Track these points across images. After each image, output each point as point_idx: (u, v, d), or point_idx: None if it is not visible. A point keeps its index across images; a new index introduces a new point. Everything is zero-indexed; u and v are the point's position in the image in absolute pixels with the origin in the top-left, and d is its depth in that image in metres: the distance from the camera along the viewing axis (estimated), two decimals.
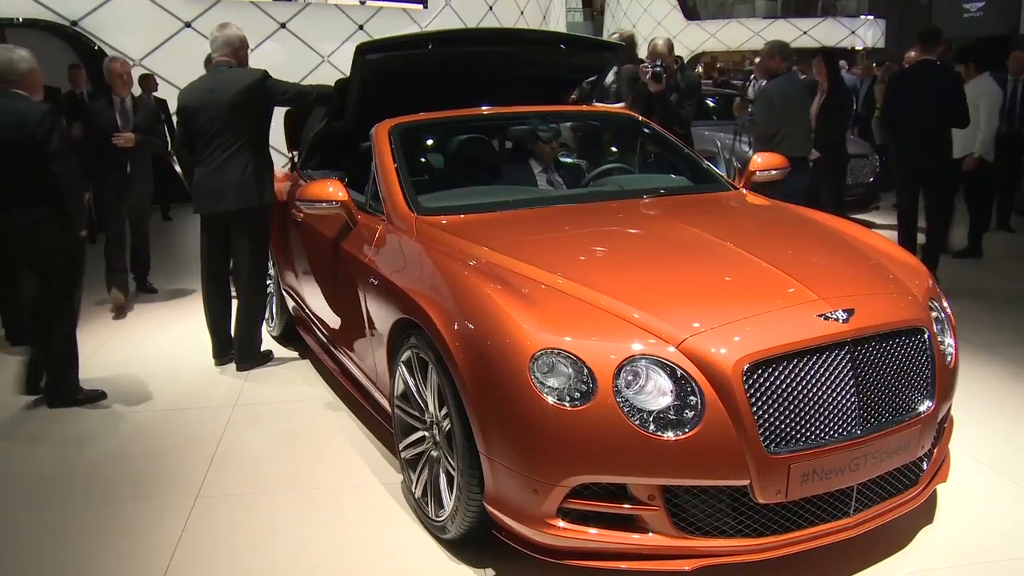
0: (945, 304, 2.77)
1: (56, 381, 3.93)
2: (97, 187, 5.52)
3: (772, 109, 5.31)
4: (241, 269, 4.31)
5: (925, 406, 2.41)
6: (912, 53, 6.84)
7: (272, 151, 4.44)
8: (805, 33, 22.58)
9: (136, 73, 5.80)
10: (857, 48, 22.31)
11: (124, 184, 5.58)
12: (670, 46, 5.75)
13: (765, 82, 5.62)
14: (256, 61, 4.54)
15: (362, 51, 3.77)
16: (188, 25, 9.38)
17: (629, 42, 6.22)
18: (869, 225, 6.77)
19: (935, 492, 2.82)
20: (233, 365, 4.43)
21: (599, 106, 5.01)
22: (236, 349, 4.44)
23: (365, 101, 3.98)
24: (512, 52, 4.30)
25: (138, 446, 3.55)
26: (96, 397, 3.99)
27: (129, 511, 2.97)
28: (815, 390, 2.21)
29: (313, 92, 4.35)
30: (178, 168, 5.51)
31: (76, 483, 3.23)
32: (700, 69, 15.52)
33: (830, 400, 2.22)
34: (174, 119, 5.10)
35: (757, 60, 6.62)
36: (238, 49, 4.28)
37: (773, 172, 3.68)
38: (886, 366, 2.34)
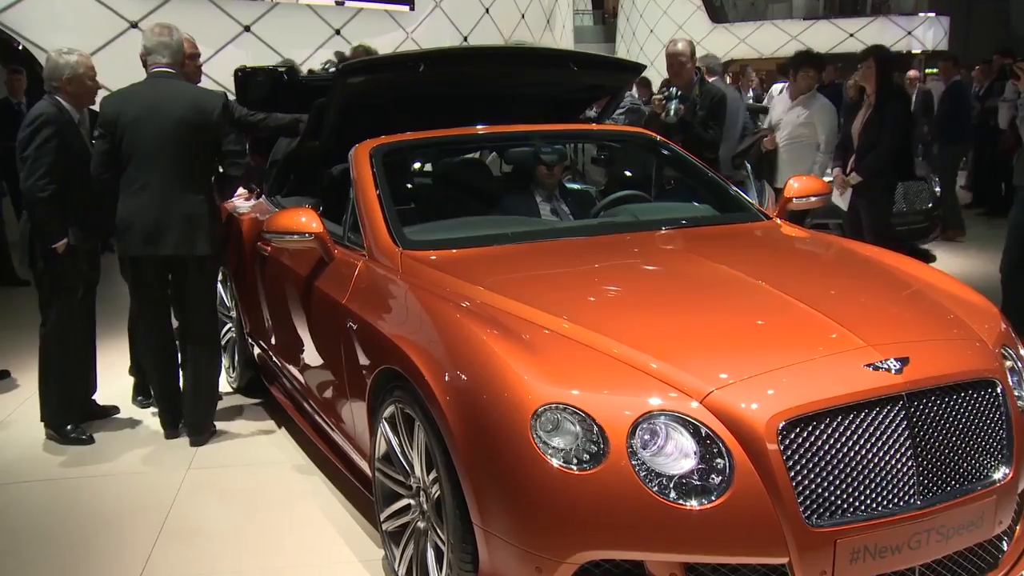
0: (1023, 351, 2.76)
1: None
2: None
3: None
4: (191, 322, 4.17)
5: (1000, 473, 2.39)
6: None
7: None
8: (852, 36, 22.61)
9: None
10: (914, 52, 22.42)
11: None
12: (691, 49, 5.74)
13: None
14: (216, 69, 4.48)
15: (344, 73, 3.84)
16: (134, 25, 9.39)
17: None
18: (928, 259, 6.82)
19: None
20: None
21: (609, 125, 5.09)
22: (188, 419, 4.24)
23: (345, 122, 4.04)
24: (515, 72, 4.37)
25: (70, 518, 3.55)
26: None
27: None
28: (864, 452, 2.21)
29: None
30: None
31: None
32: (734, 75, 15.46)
33: (883, 464, 2.22)
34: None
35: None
36: (176, 53, 4.08)
37: (812, 199, 3.73)
38: (949, 425, 2.33)
